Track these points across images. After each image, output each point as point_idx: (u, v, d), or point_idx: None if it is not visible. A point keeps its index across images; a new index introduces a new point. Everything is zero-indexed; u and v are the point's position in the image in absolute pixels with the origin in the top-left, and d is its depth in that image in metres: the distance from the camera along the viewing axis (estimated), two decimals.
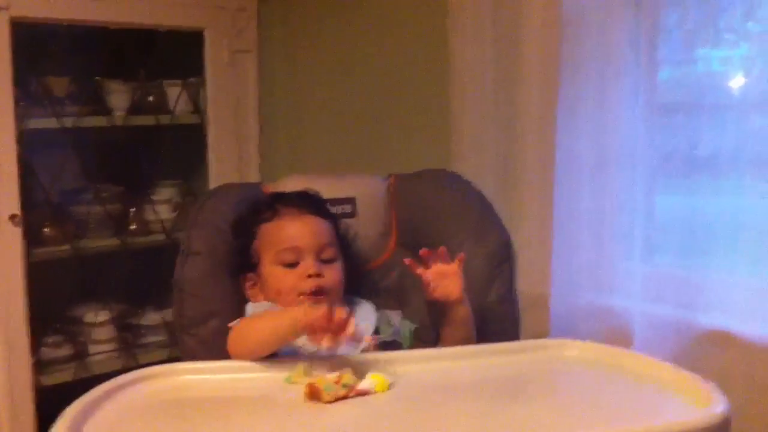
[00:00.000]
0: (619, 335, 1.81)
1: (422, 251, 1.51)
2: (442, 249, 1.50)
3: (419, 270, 1.50)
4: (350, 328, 1.31)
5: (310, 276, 1.54)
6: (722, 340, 1.71)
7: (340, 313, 1.31)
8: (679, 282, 1.80)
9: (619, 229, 1.87)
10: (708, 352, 1.71)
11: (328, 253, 1.58)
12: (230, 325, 1.50)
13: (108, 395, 1.27)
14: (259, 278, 1.59)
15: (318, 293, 1.54)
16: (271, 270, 1.57)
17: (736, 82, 1.78)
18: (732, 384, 1.56)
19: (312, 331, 1.32)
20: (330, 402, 1.25)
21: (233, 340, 1.45)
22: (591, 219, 1.89)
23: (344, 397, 1.26)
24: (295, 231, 1.57)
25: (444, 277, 1.50)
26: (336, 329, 1.31)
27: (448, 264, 1.50)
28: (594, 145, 1.88)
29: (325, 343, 1.32)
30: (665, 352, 1.70)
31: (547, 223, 1.93)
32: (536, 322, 1.91)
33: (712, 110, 1.76)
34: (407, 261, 1.53)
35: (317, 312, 1.32)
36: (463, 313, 1.53)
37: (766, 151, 1.68)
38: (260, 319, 1.47)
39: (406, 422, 1.21)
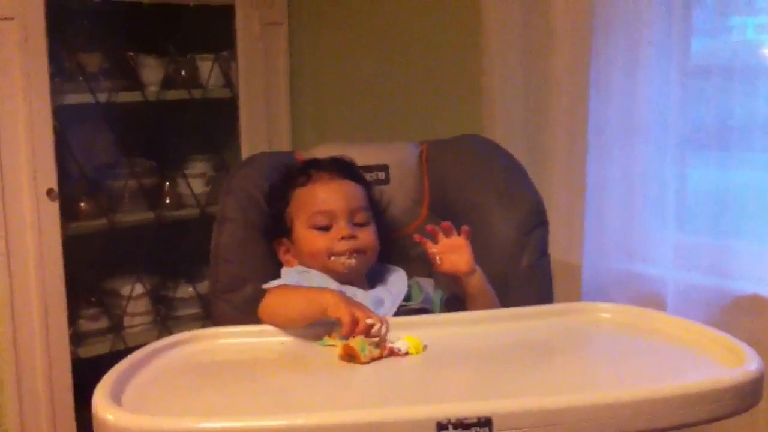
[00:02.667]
0: (651, 303, 1.81)
1: (428, 227, 1.52)
2: (446, 224, 1.52)
3: (427, 244, 1.51)
4: (374, 332, 1.32)
5: (343, 238, 1.54)
6: (754, 305, 1.71)
7: (366, 318, 1.32)
8: (712, 250, 1.79)
9: (650, 197, 1.87)
10: (740, 319, 1.71)
11: (360, 217, 1.58)
12: (265, 286, 1.51)
13: (146, 360, 1.29)
14: (293, 243, 1.61)
15: (352, 255, 1.55)
16: (304, 233, 1.58)
17: None
18: (764, 350, 1.56)
19: (347, 326, 1.32)
20: (365, 363, 1.26)
21: (266, 307, 1.46)
22: (622, 187, 1.89)
23: (379, 358, 1.27)
24: (327, 194, 1.59)
25: (452, 251, 1.51)
26: (360, 332, 1.31)
27: (455, 237, 1.50)
28: (625, 112, 1.87)
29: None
30: (697, 319, 1.69)
31: (579, 191, 1.93)
32: (568, 290, 1.91)
33: (745, 77, 1.74)
34: (416, 238, 1.54)
35: (347, 311, 1.32)
36: (477, 283, 1.54)
37: None
38: (293, 296, 1.46)
39: (440, 384, 1.22)
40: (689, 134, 1.83)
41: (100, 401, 1.09)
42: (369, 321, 1.32)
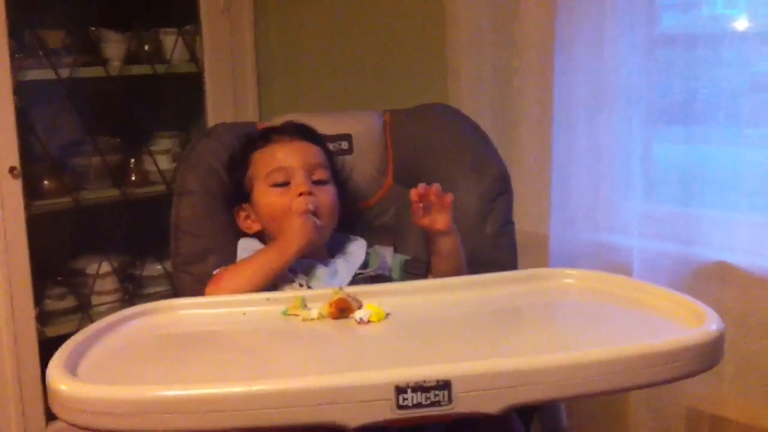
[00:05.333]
0: (618, 271, 1.77)
1: (420, 187, 1.50)
2: (436, 186, 1.50)
3: (413, 196, 1.49)
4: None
5: (301, 194, 1.52)
6: (720, 272, 1.71)
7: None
8: (677, 218, 1.80)
9: (616, 166, 1.86)
10: (706, 286, 1.72)
11: (319, 174, 1.57)
12: (215, 272, 1.50)
13: (104, 332, 1.26)
14: (253, 207, 1.59)
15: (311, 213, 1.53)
16: (264, 193, 1.56)
17: (741, 24, 1.76)
18: (728, 316, 1.57)
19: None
20: (353, 313, 1.28)
21: (214, 285, 1.46)
22: (589, 157, 1.89)
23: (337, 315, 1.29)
24: (285, 153, 1.57)
25: (433, 209, 1.50)
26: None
27: (441, 197, 1.50)
28: (591, 82, 1.86)
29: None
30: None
31: (546, 161, 1.93)
32: (536, 260, 1.91)
33: (710, 48, 1.74)
34: (412, 194, 1.50)
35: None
36: (450, 244, 1.52)
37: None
38: (245, 263, 1.48)
39: (401, 350, 1.21)
40: (655, 105, 1.82)
41: (54, 372, 1.07)
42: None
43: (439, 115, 1.75)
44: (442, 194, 1.48)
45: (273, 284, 1.47)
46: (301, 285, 1.48)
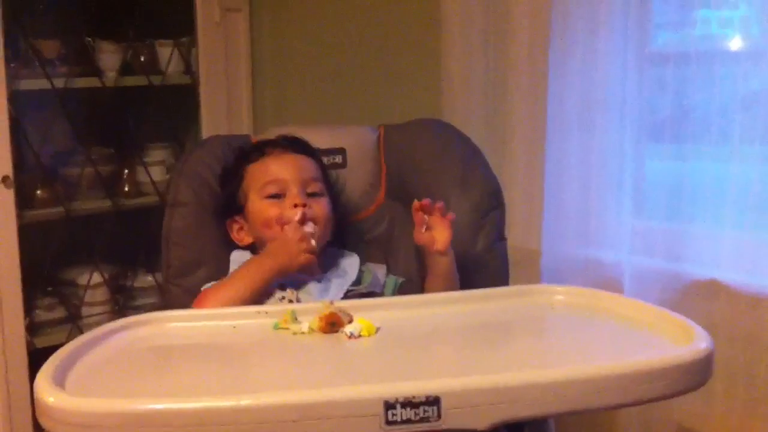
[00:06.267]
0: (609, 288, 1.79)
1: (424, 200, 1.50)
2: (441, 203, 1.51)
3: (417, 210, 1.50)
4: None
5: (296, 205, 1.53)
6: (710, 290, 1.72)
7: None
8: (668, 235, 1.80)
9: (608, 182, 1.87)
10: (696, 303, 1.72)
11: (314, 187, 1.57)
12: (203, 288, 1.50)
13: (92, 344, 1.26)
14: (246, 218, 1.59)
15: (304, 223, 1.53)
16: (257, 205, 1.56)
17: (735, 43, 1.77)
18: (717, 333, 1.57)
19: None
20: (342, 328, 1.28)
21: (198, 304, 1.46)
22: (581, 172, 1.89)
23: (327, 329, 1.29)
24: (280, 166, 1.57)
25: (434, 227, 1.50)
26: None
27: (444, 216, 1.50)
28: (583, 98, 1.87)
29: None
30: (654, 303, 1.70)
31: (538, 176, 1.93)
32: (527, 275, 1.91)
33: (702, 66, 1.75)
34: (415, 205, 1.51)
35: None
36: (445, 265, 1.53)
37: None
38: (229, 281, 1.49)
39: (391, 365, 1.21)
40: (647, 121, 1.83)
41: (42, 384, 1.07)
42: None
43: (433, 130, 1.75)
44: (445, 212, 1.49)
45: (262, 298, 1.47)
46: (291, 301, 1.48)
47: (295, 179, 1.55)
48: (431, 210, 1.49)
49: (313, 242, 1.49)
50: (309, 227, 1.50)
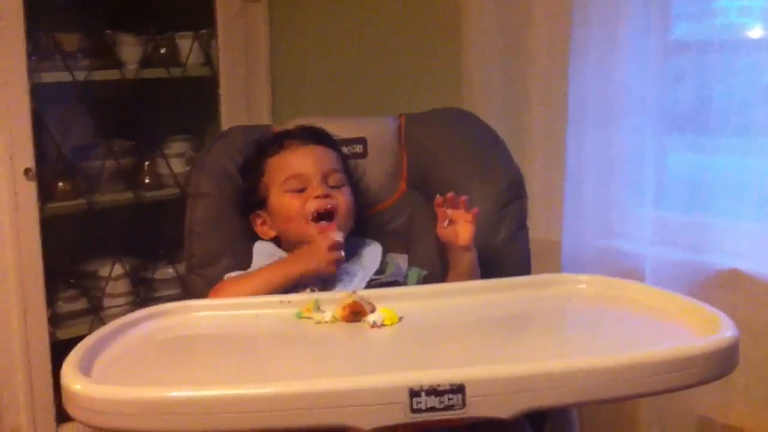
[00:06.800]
0: (629, 279, 1.80)
1: (448, 194, 1.50)
2: (465, 197, 1.50)
3: (440, 205, 1.49)
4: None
5: (318, 197, 1.53)
6: (732, 280, 1.70)
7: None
8: (689, 225, 1.79)
9: (629, 173, 1.86)
10: (718, 294, 1.70)
11: (335, 179, 1.58)
12: (225, 277, 1.51)
13: (117, 333, 1.27)
14: (269, 213, 1.59)
15: (327, 216, 1.54)
16: (280, 199, 1.57)
17: (755, 33, 1.75)
18: (738, 324, 1.56)
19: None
20: (365, 317, 1.29)
21: (215, 294, 1.47)
22: (601, 163, 1.88)
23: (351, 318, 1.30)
24: (300, 159, 1.58)
25: (458, 222, 1.50)
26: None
27: (466, 211, 1.50)
28: (604, 90, 1.86)
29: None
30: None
31: (558, 168, 1.92)
32: (547, 268, 1.89)
33: (724, 56, 1.74)
34: (438, 200, 1.51)
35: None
36: (467, 261, 1.53)
37: None
38: (251, 276, 1.50)
39: (415, 353, 1.21)
40: (668, 112, 1.82)
41: (69, 372, 1.07)
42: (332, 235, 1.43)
43: (454, 120, 1.75)
44: (469, 206, 1.48)
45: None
46: (312, 290, 1.49)
47: (316, 172, 1.56)
48: (456, 204, 1.48)
49: (342, 253, 1.49)
50: (339, 236, 1.49)
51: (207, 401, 1.00)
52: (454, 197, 1.48)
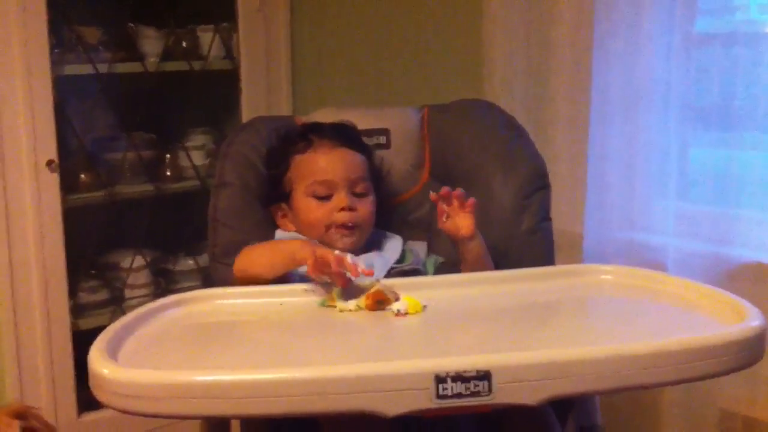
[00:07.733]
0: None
1: (445, 189, 1.50)
2: (458, 190, 1.50)
3: (439, 202, 1.49)
4: (350, 269, 1.34)
5: (342, 209, 1.54)
6: (756, 273, 1.70)
7: (342, 261, 1.34)
8: (713, 218, 1.79)
9: (652, 165, 1.86)
10: (741, 286, 1.69)
11: (361, 188, 1.57)
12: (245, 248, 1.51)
13: (143, 319, 1.28)
14: (291, 209, 1.60)
15: (349, 227, 1.54)
16: (304, 202, 1.57)
17: None
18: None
19: (311, 266, 1.35)
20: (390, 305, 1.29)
21: (238, 264, 1.48)
22: (624, 155, 1.88)
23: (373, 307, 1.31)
24: (328, 164, 1.57)
25: (457, 214, 1.50)
26: (329, 265, 1.34)
27: (461, 205, 1.50)
28: (627, 81, 1.86)
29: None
30: None
31: (581, 159, 1.92)
32: (569, 260, 1.90)
33: (748, 49, 1.73)
34: (432, 196, 1.51)
35: (310, 251, 1.35)
36: (475, 250, 1.52)
37: None
38: (262, 249, 1.50)
39: (440, 341, 1.21)
40: (692, 104, 1.81)
41: (96, 356, 1.09)
42: (336, 252, 1.34)
43: (477, 111, 1.75)
44: (463, 198, 1.48)
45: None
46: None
47: (343, 181, 1.55)
48: (449, 200, 1.48)
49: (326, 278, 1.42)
50: (351, 258, 1.41)
51: (233, 385, 1.01)
52: (448, 192, 1.48)
